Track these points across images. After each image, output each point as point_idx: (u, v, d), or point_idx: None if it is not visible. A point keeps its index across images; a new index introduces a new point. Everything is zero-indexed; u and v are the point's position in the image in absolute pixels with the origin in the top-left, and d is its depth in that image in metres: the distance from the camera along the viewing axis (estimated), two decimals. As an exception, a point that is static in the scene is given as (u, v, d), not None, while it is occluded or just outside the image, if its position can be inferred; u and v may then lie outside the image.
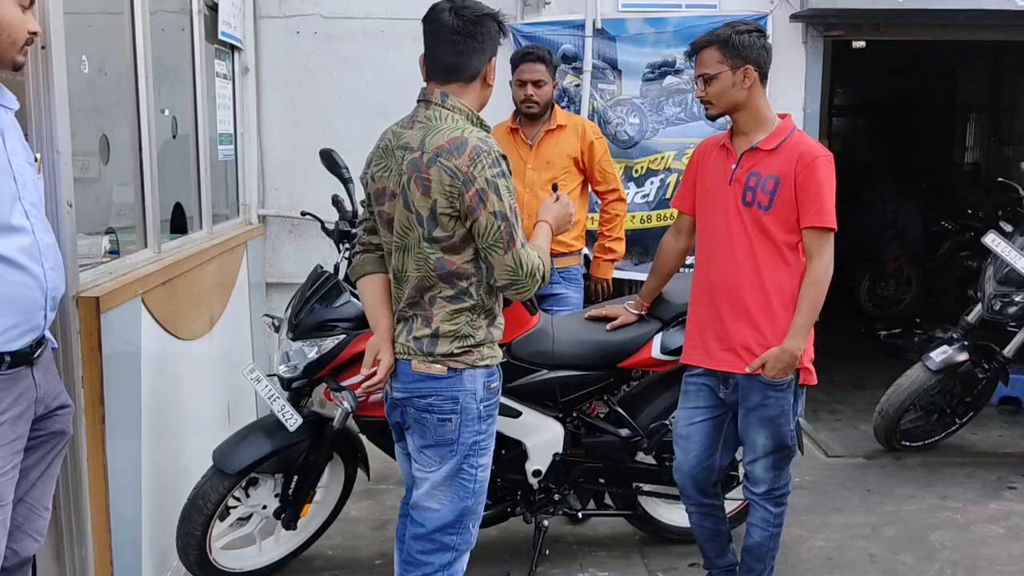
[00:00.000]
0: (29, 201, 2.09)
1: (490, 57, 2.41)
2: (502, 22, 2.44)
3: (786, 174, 2.70)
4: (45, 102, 2.37)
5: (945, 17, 4.87)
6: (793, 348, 2.72)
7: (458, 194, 2.25)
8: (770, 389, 2.78)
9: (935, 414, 4.71)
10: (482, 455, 2.45)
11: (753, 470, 2.91)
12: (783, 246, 2.75)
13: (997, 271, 4.37)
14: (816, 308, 2.74)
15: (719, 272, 2.84)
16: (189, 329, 3.50)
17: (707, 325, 2.89)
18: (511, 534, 3.65)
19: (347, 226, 3.22)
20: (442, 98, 2.36)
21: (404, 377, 2.42)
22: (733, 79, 2.72)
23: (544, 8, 4.90)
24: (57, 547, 2.54)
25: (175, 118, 3.86)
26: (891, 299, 7.94)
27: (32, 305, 2.08)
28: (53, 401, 2.23)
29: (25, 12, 2.08)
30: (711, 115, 2.84)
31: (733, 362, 2.82)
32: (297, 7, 4.91)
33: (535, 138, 3.97)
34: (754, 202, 2.74)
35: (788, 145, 2.74)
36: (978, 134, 10.08)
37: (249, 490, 3.23)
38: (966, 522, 3.93)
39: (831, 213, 2.71)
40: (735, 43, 2.71)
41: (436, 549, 2.45)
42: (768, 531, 2.95)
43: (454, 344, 2.35)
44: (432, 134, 2.30)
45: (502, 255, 2.29)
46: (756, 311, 2.77)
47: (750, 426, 2.86)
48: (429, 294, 2.36)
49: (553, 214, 2.63)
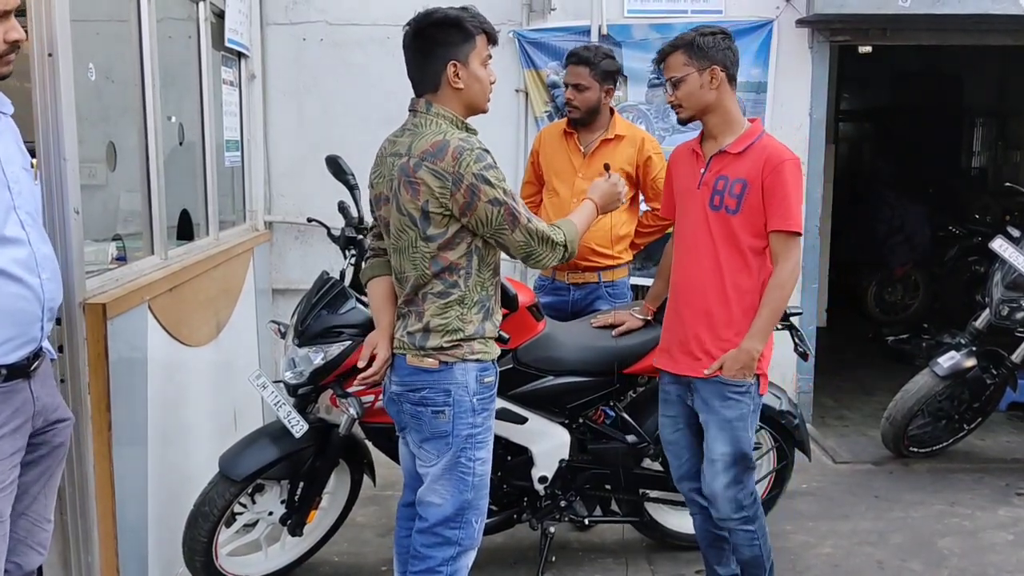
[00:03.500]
0: (25, 211, 2.05)
1: (447, 62, 2.39)
2: (461, 22, 2.39)
3: (753, 178, 2.71)
4: (52, 109, 2.39)
5: (951, 22, 4.87)
6: (751, 348, 2.71)
7: (449, 195, 2.31)
8: (728, 390, 2.77)
9: (943, 420, 4.69)
10: (479, 448, 2.49)
11: (714, 492, 2.83)
12: (748, 250, 2.75)
13: (1005, 276, 4.35)
14: (778, 311, 2.74)
15: (683, 275, 2.87)
16: (195, 335, 3.50)
17: (671, 329, 2.91)
18: (517, 541, 3.64)
19: (353, 232, 3.23)
20: (427, 106, 2.43)
21: (400, 371, 2.50)
22: (700, 80, 2.74)
23: (550, 14, 4.91)
24: (64, 554, 2.55)
25: (182, 125, 3.88)
26: (898, 304, 7.92)
27: (29, 317, 2.05)
28: (52, 414, 2.20)
29: (2, 22, 1.99)
30: (682, 119, 2.83)
31: (692, 365, 2.82)
32: (303, 14, 4.93)
33: (590, 146, 3.75)
34: (721, 206, 2.76)
35: (755, 149, 2.75)
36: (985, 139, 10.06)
37: (255, 496, 3.23)
38: (974, 528, 3.91)
39: (797, 217, 2.71)
40: (700, 44, 2.74)
41: (439, 543, 2.50)
42: (756, 544, 2.92)
43: (444, 338, 2.41)
44: (417, 139, 2.37)
45: (511, 234, 2.39)
46: (716, 314, 2.78)
47: (709, 432, 2.83)
48: (423, 290, 2.43)
49: (600, 192, 2.70)
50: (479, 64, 2.44)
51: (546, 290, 3.82)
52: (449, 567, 2.51)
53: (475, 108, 2.48)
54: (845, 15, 4.81)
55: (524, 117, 5.00)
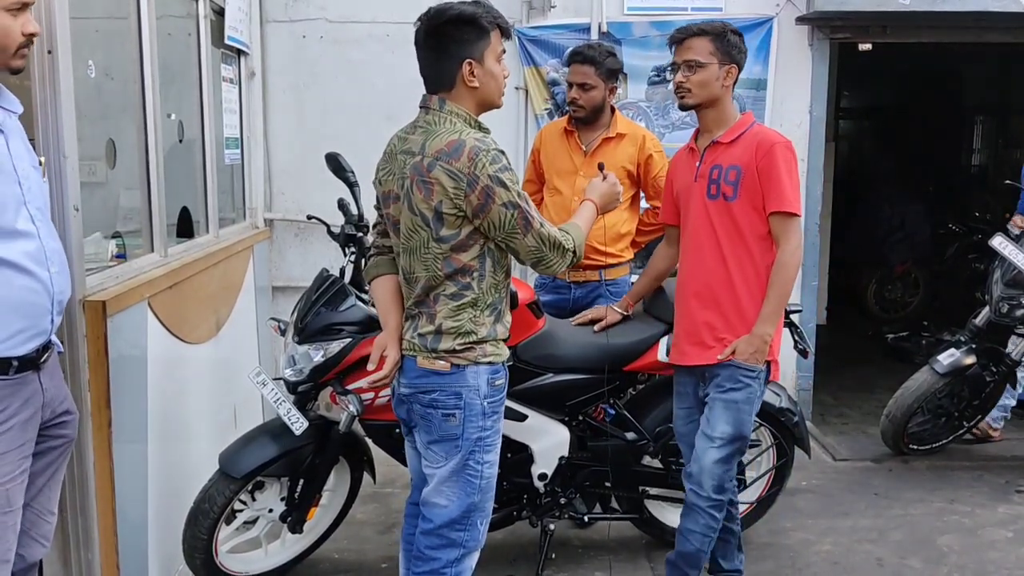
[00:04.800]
0: (35, 205, 2.09)
1: (462, 61, 2.34)
2: (477, 18, 2.34)
3: (747, 164, 2.73)
4: (52, 106, 2.39)
5: (952, 19, 4.87)
6: (763, 333, 2.73)
7: (463, 195, 2.28)
8: (740, 374, 2.78)
9: (943, 417, 4.69)
10: (487, 452, 2.47)
11: (703, 466, 2.83)
12: (751, 237, 2.76)
13: (1004, 274, 4.35)
14: (785, 293, 2.75)
15: (689, 268, 2.89)
16: (195, 333, 3.50)
17: (680, 323, 2.94)
18: (517, 537, 3.65)
19: (353, 230, 3.22)
20: (440, 104, 2.38)
21: (409, 373, 2.46)
22: (719, 73, 2.75)
23: (549, 12, 4.91)
24: (64, 551, 2.55)
25: (181, 122, 3.87)
26: (898, 302, 7.92)
27: (39, 310, 2.08)
28: (59, 406, 2.23)
29: (18, 16, 2.03)
30: (686, 104, 2.82)
31: (702, 354, 2.83)
32: (303, 11, 4.93)
33: (591, 145, 3.72)
34: (719, 194, 2.77)
35: (747, 136, 2.78)
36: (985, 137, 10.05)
37: (255, 494, 3.23)
38: (974, 526, 3.91)
39: (792, 198, 2.72)
40: (729, 41, 2.76)
41: (444, 545, 2.48)
42: (709, 538, 2.91)
43: (456, 340, 2.38)
44: (431, 138, 2.32)
45: (523, 239, 2.36)
46: (723, 302, 2.80)
47: (713, 410, 2.83)
48: (434, 292, 2.39)
49: (599, 192, 2.66)
50: (494, 60, 2.39)
51: (547, 288, 3.82)
52: (454, 568, 2.49)
53: (489, 104, 2.45)
54: (845, 12, 4.81)
55: (524, 115, 5.00)
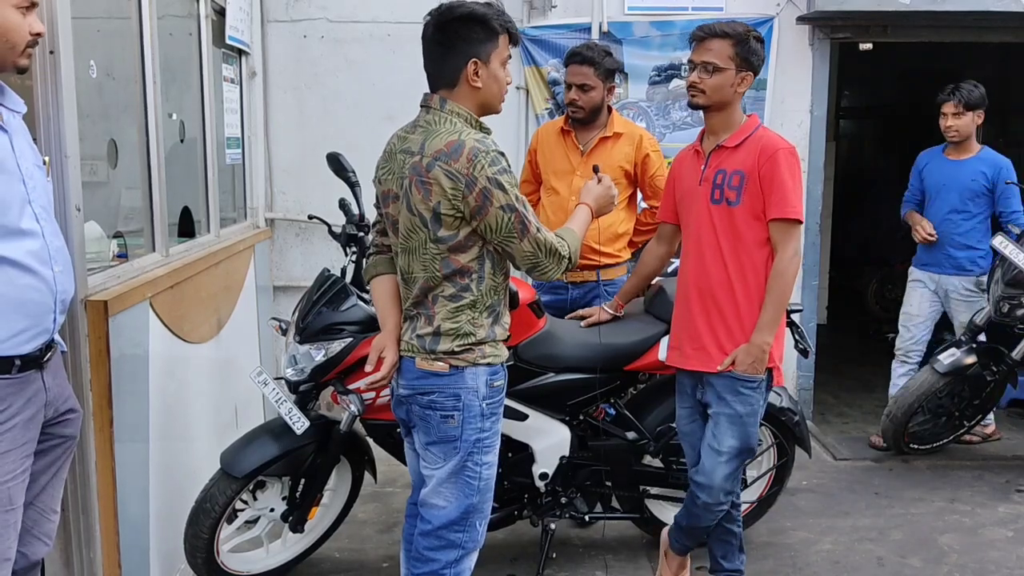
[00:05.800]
0: (39, 204, 2.09)
1: (468, 59, 2.34)
2: (488, 20, 2.34)
3: (750, 169, 2.72)
4: (53, 106, 2.38)
5: (952, 19, 4.87)
6: (761, 342, 2.73)
7: (461, 196, 2.27)
8: (741, 386, 2.78)
9: (943, 417, 4.69)
10: (486, 453, 2.46)
11: (713, 481, 2.86)
12: (752, 243, 2.76)
13: (1005, 273, 4.35)
14: (783, 301, 2.75)
15: (690, 272, 2.88)
16: (197, 332, 3.51)
17: (681, 325, 2.93)
18: (518, 537, 3.65)
19: (354, 230, 3.23)
20: (441, 103, 2.38)
21: (408, 374, 2.45)
22: (735, 79, 2.74)
23: (550, 11, 4.91)
24: (65, 550, 2.55)
25: (183, 122, 3.88)
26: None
27: (42, 308, 2.08)
28: (62, 405, 2.23)
29: (26, 15, 2.05)
30: (696, 104, 2.80)
31: (703, 360, 2.83)
32: (304, 11, 4.93)
33: (588, 144, 3.72)
34: (722, 199, 2.77)
35: (751, 141, 2.76)
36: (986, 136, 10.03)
37: (256, 493, 3.23)
38: (974, 525, 3.92)
39: (795, 204, 2.72)
40: (751, 47, 2.73)
41: (443, 546, 2.47)
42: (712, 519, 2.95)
43: (455, 342, 2.37)
44: (431, 138, 2.31)
45: (519, 243, 2.34)
46: (725, 308, 2.79)
47: (718, 425, 2.84)
48: (433, 293, 2.38)
49: (594, 195, 2.64)
50: (499, 64, 2.39)
51: (545, 288, 3.82)
52: (453, 569, 2.48)
53: (489, 109, 2.44)
54: (846, 12, 4.82)
55: (524, 114, 5.01)
